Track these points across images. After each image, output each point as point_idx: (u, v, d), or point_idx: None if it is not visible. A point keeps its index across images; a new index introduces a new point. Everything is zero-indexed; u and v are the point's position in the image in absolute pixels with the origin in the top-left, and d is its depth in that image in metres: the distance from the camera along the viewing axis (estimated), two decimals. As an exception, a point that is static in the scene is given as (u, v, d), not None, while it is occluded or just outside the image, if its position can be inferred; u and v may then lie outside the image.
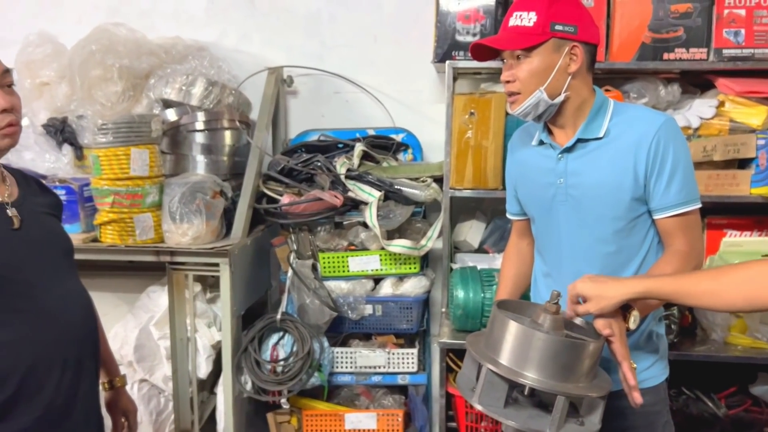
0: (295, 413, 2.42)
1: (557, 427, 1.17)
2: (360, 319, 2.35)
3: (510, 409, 1.23)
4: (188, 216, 2.18)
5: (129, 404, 1.65)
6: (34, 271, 1.30)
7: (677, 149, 1.42)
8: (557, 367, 1.18)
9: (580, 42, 1.42)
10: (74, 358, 1.34)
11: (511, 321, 1.22)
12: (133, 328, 2.43)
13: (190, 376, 2.37)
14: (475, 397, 1.23)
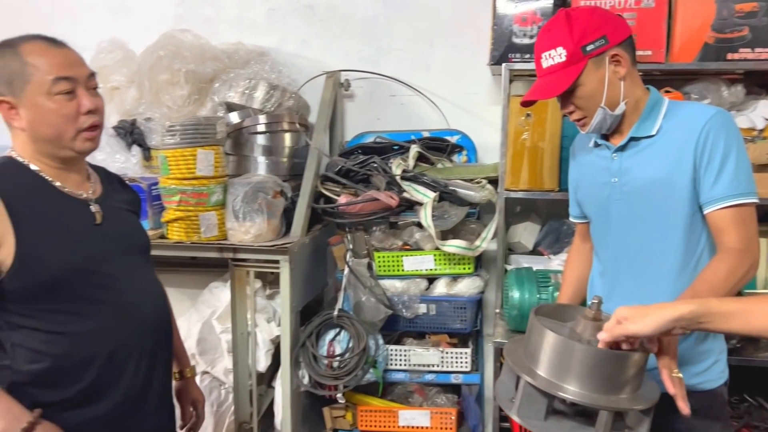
0: (350, 408, 2.47)
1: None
2: (414, 318, 2.39)
3: (551, 420, 1.19)
4: (250, 215, 2.26)
5: (198, 394, 1.72)
6: (114, 265, 1.38)
7: (728, 140, 1.39)
8: (599, 379, 1.13)
9: (616, 46, 1.42)
10: (150, 348, 1.42)
11: (548, 331, 1.18)
12: (196, 322, 2.53)
13: (250, 369, 2.45)
14: (514, 410, 1.20)
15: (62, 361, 1.28)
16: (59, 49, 1.33)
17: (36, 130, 1.31)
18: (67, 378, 1.29)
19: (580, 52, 1.40)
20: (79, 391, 1.30)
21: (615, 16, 1.46)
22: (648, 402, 1.18)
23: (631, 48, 1.46)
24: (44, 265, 1.26)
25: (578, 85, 1.43)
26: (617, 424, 1.19)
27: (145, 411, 1.42)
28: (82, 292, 1.31)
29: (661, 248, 1.47)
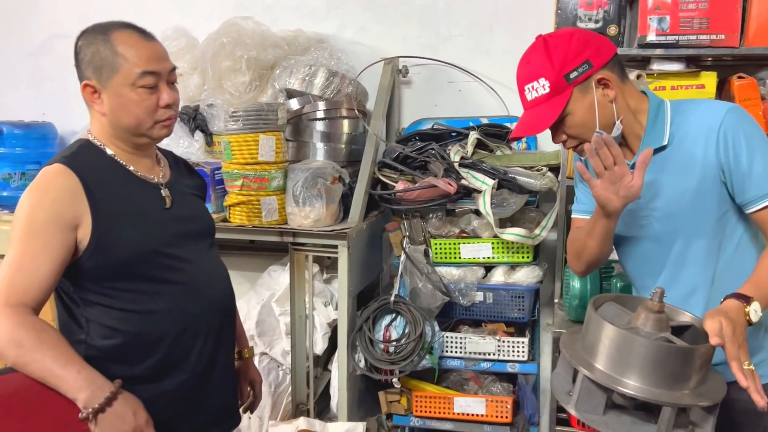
0: (405, 393, 2.49)
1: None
2: (470, 306, 2.38)
3: (610, 415, 1.17)
4: (310, 200, 2.29)
5: (256, 375, 1.76)
6: (184, 248, 1.43)
7: (749, 136, 1.33)
8: (661, 374, 1.10)
9: (601, 68, 1.35)
10: (216, 329, 1.47)
11: (607, 323, 1.15)
12: (255, 304, 2.58)
13: (307, 351, 2.49)
14: (571, 404, 1.17)
15: (134, 338, 1.33)
16: (149, 42, 1.38)
17: (116, 117, 1.36)
18: (138, 354, 1.34)
19: (564, 81, 1.33)
20: (149, 367, 1.35)
21: (596, 37, 1.39)
22: (714, 397, 1.14)
23: (618, 66, 1.39)
24: (119, 246, 1.31)
25: (567, 115, 1.36)
26: (680, 420, 1.16)
27: (210, 388, 1.46)
28: (154, 273, 1.36)
29: (692, 252, 1.41)
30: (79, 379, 1.18)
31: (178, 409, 1.40)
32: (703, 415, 1.18)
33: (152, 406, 1.31)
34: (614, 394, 1.19)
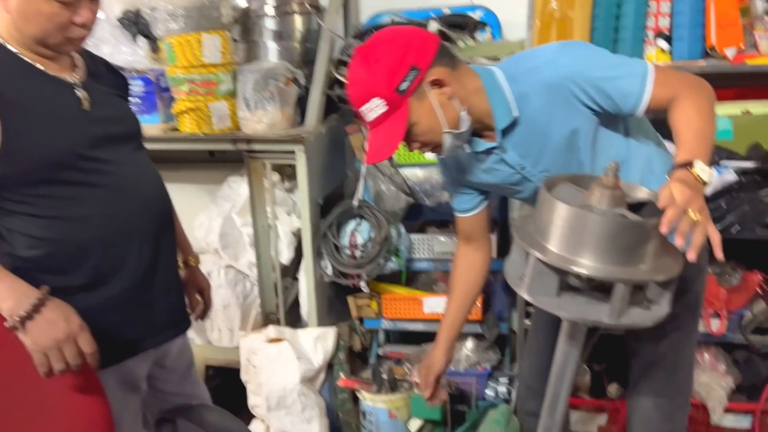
0: (374, 297, 2.47)
1: (617, 316, 1.07)
2: (436, 206, 2.32)
3: (564, 296, 1.13)
4: (262, 103, 2.17)
5: (204, 282, 1.70)
6: (107, 150, 1.32)
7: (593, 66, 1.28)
8: (615, 251, 1.05)
9: (430, 68, 1.26)
10: (152, 233, 1.39)
11: (559, 203, 1.08)
12: (217, 217, 2.51)
13: (273, 261, 2.44)
14: (524, 287, 1.14)
15: (61, 247, 1.26)
16: None
17: (21, 22, 1.22)
18: (68, 263, 1.27)
19: (397, 95, 1.25)
20: (84, 275, 1.29)
21: (414, 36, 1.29)
22: (669, 272, 1.09)
23: (445, 56, 1.30)
24: (31, 150, 1.21)
25: (412, 125, 1.28)
26: (636, 298, 1.13)
27: (154, 293, 1.41)
28: (76, 178, 1.27)
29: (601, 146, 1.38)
30: (2, 288, 1.12)
31: (121, 316, 1.35)
32: (659, 291, 1.14)
33: (93, 315, 1.25)
34: (569, 276, 1.15)
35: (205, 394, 1.73)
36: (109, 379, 1.35)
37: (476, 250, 1.63)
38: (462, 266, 1.65)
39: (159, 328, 1.44)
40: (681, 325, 1.50)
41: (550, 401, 1.35)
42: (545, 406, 1.36)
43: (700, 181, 1.09)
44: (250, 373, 2.36)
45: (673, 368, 1.54)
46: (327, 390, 2.44)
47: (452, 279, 1.68)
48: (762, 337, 2.07)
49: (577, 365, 1.31)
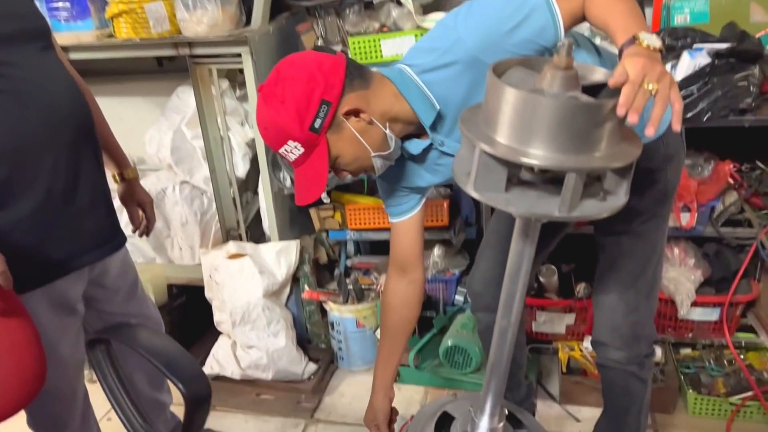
0: (338, 209, 2.38)
1: (569, 208, 0.98)
2: (397, 108, 2.18)
3: (514, 191, 1.03)
4: (201, 2, 1.98)
5: (143, 195, 1.61)
6: (6, 51, 1.18)
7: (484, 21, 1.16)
8: (568, 138, 0.95)
9: (341, 98, 1.16)
10: (69, 142, 1.27)
11: (507, 87, 0.97)
12: (167, 130, 2.36)
13: (229, 175, 2.33)
14: (470, 183, 1.02)
15: None
16: None
17: None
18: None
19: (312, 134, 1.16)
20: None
21: (317, 65, 1.16)
22: (626, 158, 0.99)
23: (355, 77, 1.18)
24: None
25: (336, 158, 1.21)
26: (592, 189, 1.04)
27: (77, 209, 1.31)
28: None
29: None
30: None
31: (42, 235, 1.25)
32: (616, 180, 1.04)
33: (8, 236, 1.17)
34: (519, 169, 1.06)
35: (154, 313, 1.67)
36: (39, 301, 1.28)
37: (410, 283, 1.52)
38: (394, 303, 1.54)
39: (88, 246, 1.35)
40: (650, 218, 1.43)
41: (504, 302, 1.29)
42: (500, 307, 1.30)
43: (652, 48, 0.98)
44: (213, 290, 2.30)
45: (641, 262, 1.48)
46: (294, 303, 2.40)
47: (384, 317, 1.57)
48: (733, 229, 2.02)
49: (531, 264, 1.24)
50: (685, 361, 2.17)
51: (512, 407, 1.54)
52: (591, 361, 2.18)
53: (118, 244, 1.44)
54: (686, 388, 2.02)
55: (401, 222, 1.48)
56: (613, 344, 1.54)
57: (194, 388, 0.99)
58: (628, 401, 1.60)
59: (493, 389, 1.38)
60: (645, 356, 1.55)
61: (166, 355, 1.02)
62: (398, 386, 2.30)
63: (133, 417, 1.18)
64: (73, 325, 1.41)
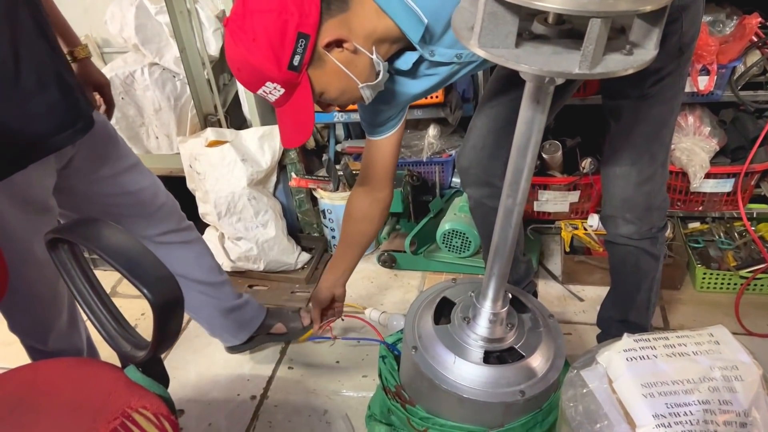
0: (322, 88, 2.19)
1: (591, 63, 0.82)
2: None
3: (525, 47, 0.88)
4: None
5: (100, 77, 1.43)
6: None
7: None
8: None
9: (319, 29, 1.02)
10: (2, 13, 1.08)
11: None
12: (129, 6, 2.13)
13: (201, 54, 2.11)
14: (474, 39, 0.87)
15: None
16: None
17: None
18: None
19: (291, 73, 1.03)
20: None
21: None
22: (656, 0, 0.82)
23: (334, 7, 1.04)
24: None
25: (321, 95, 1.10)
26: (616, 43, 0.88)
27: (23, 94, 1.13)
28: None
29: None
30: None
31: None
32: (646, 29, 0.88)
33: None
34: (533, 22, 0.90)
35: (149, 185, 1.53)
36: (0, 200, 1.14)
37: (374, 202, 1.45)
38: (355, 215, 1.49)
39: (43, 134, 1.17)
40: (665, 76, 1.27)
41: (511, 179, 1.15)
42: (506, 186, 1.17)
43: None
44: (195, 181, 2.16)
45: (656, 126, 1.33)
46: (282, 192, 2.28)
47: (343, 224, 1.53)
48: (754, 93, 1.85)
49: (541, 136, 1.10)
50: (694, 235, 2.08)
51: (516, 290, 1.45)
52: (595, 239, 2.09)
53: (81, 129, 1.24)
54: (694, 263, 1.94)
55: (379, 140, 1.36)
56: (624, 217, 1.42)
57: (160, 292, 0.87)
58: (639, 278, 1.51)
59: (496, 273, 1.28)
60: (658, 230, 1.44)
61: (128, 256, 0.89)
62: (395, 272, 2.24)
63: (107, 321, 1.09)
64: (47, 223, 1.26)
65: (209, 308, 1.72)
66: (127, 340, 1.04)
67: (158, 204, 1.50)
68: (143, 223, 1.49)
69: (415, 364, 1.32)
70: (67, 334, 1.48)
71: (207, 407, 1.75)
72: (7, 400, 1.02)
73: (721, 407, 0.83)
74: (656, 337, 0.99)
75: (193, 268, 1.64)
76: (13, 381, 1.07)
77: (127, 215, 1.45)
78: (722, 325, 1.03)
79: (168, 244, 1.56)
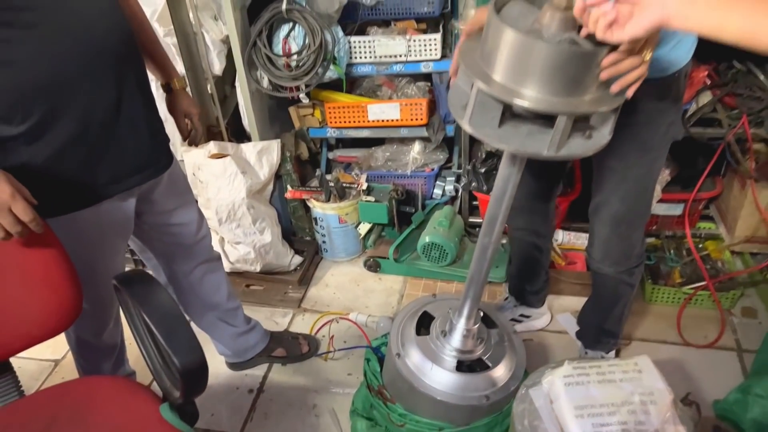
0: (317, 106, 2.38)
1: (557, 147, 1.04)
2: (376, 5, 2.12)
3: (507, 126, 1.08)
4: None
5: (191, 106, 1.60)
6: None
7: None
8: (561, 81, 0.99)
9: None
10: (106, 67, 1.24)
11: (507, 28, 0.99)
12: (137, 25, 2.27)
13: (206, 72, 2.29)
14: (465, 118, 1.08)
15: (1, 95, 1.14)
16: None
17: None
18: (8, 111, 1.15)
19: None
20: (30, 124, 1.18)
21: None
22: (613, 102, 1.04)
23: None
24: None
25: None
26: (579, 126, 1.10)
27: (119, 134, 1.30)
28: (5, 17, 1.09)
29: None
30: None
31: (86, 159, 1.26)
32: (603, 118, 1.10)
33: (53, 163, 1.21)
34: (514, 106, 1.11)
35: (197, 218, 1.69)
36: (87, 219, 1.32)
37: None
38: None
39: (132, 170, 1.37)
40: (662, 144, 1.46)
41: (487, 222, 1.38)
42: (483, 227, 1.40)
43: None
44: (198, 188, 2.34)
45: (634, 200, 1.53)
46: (277, 199, 2.47)
47: None
48: (703, 129, 2.08)
49: (515, 190, 1.31)
50: (648, 251, 2.32)
51: (488, 309, 1.69)
52: (559, 253, 2.32)
53: (163, 167, 1.45)
54: (645, 278, 2.19)
55: None
56: (605, 263, 1.65)
57: (188, 362, 1.03)
58: (616, 299, 1.76)
59: (471, 296, 1.51)
60: (635, 266, 1.67)
61: (168, 324, 1.06)
62: (379, 276, 2.45)
63: (155, 357, 1.24)
64: (122, 242, 1.48)
65: (223, 332, 1.92)
66: (168, 377, 1.20)
67: (200, 236, 1.68)
68: (184, 254, 1.68)
69: (398, 368, 1.55)
70: (113, 330, 1.68)
71: (209, 399, 1.96)
72: (62, 413, 1.21)
73: (637, 427, 1.06)
74: (592, 365, 1.23)
75: (215, 295, 1.82)
76: (70, 395, 1.26)
77: (173, 243, 1.64)
78: (646, 355, 1.27)
79: (200, 275, 1.75)
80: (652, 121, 1.37)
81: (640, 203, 1.54)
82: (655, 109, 1.35)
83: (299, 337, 2.11)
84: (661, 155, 1.47)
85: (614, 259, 1.63)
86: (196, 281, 1.74)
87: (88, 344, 1.63)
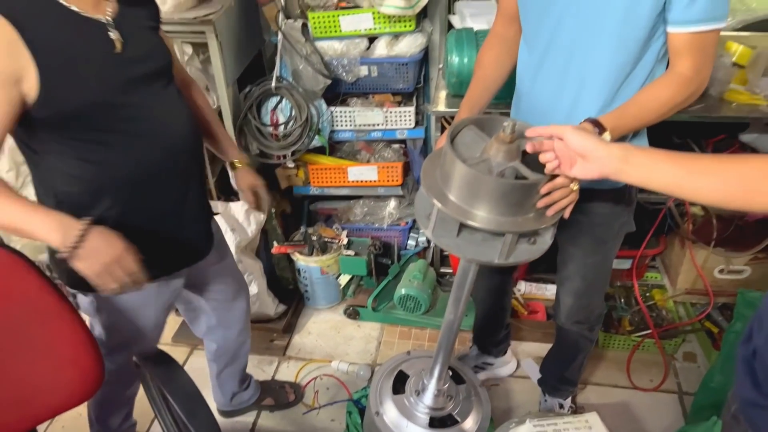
0: (301, 167, 2.57)
1: (506, 257, 1.24)
2: (356, 81, 2.33)
3: (463, 235, 1.28)
4: (164, -19, 2.02)
5: (253, 179, 1.77)
6: (137, 94, 1.32)
7: None
8: (506, 205, 1.19)
9: None
10: (181, 169, 1.44)
11: (459, 162, 1.18)
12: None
13: (197, 138, 2.46)
14: (429, 230, 1.28)
15: (91, 186, 1.31)
16: None
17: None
18: (98, 200, 1.33)
19: None
20: (114, 213, 1.35)
21: None
22: (552, 219, 1.26)
23: None
24: (66, 99, 1.21)
25: None
26: (526, 233, 1.30)
27: (183, 224, 1.50)
28: (106, 124, 1.28)
29: (616, 61, 1.35)
30: (48, 222, 1.18)
31: (152, 248, 1.39)
32: (545, 228, 1.31)
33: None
34: None
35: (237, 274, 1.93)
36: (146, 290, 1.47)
37: (515, 38, 1.54)
38: (498, 49, 1.57)
39: (185, 257, 1.56)
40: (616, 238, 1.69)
41: (452, 302, 1.59)
42: (449, 305, 1.60)
43: None
44: (188, 243, 2.51)
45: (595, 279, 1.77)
46: (263, 251, 2.65)
47: (483, 61, 1.59)
48: (647, 195, 2.33)
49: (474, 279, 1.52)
50: (601, 299, 2.57)
51: (457, 366, 1.90)
52: (522, 302, 2.55)
53: (206, 251, 1.63)
54: (599, 326, 2.43)
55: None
56: (568, 323, 1.88)
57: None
58: (577, 351, 1.99)
59: (440, 360, 1.72)
60: (595, 324, 1.91)
61: (191, 405, 1.23)
62: (358, 323, 2.65)
63: (171, 425, 1.37)
64: (171, 304, 1.66)
65: (230, 388, 2.13)
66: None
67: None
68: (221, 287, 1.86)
69: (377, 426, 1.74)
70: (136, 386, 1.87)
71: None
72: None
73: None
74: (549, 422, 1.45)
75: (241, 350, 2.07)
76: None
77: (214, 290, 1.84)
78: (596, 412, 1.49)
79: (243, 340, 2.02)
80: (606, 223, 1.60)
81: (599, 279, 1.78)
82: (610, 213, 1.58)
83: (285, 385, 2.29)
84: (616, 245, 1.70)
85: (576, 320, 1.87)
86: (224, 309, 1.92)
87: (113, 399, 1.81)
